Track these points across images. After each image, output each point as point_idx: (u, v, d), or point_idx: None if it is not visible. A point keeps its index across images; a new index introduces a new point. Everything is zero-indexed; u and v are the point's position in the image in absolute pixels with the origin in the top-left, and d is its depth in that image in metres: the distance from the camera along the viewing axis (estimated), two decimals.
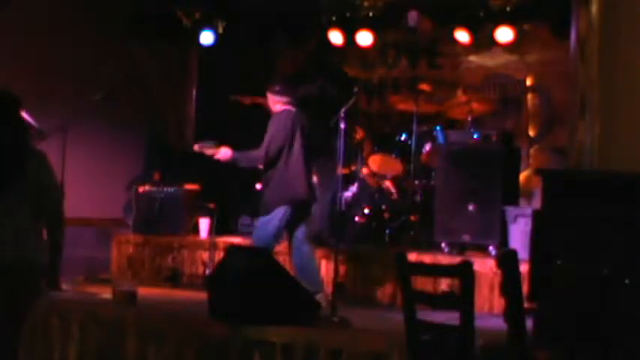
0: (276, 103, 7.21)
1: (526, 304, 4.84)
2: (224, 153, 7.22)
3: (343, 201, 8.21)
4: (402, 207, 8.60)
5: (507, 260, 4.68)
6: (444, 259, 7.45)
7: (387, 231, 8.33)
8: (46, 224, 4.92)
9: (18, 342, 4.93)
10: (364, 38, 9.53)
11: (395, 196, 8.66)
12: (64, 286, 7.07)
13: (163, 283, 8.09)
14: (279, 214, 7.01)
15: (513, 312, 4.63)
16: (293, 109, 7.15)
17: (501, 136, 8.01)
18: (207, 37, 10.08)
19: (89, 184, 9.15)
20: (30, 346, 6.46)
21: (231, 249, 7.34)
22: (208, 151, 7.25)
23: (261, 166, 7.16)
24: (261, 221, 7.15)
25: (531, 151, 9.22)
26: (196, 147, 7.30)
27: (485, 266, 6.97)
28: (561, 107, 8.68)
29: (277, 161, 7.03)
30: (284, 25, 9.99)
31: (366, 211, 8.49)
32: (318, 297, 6.72)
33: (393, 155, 8.75)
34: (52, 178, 4.99)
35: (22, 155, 4.86)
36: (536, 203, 6.85)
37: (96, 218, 9.37)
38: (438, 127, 8.75)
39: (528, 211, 6.77)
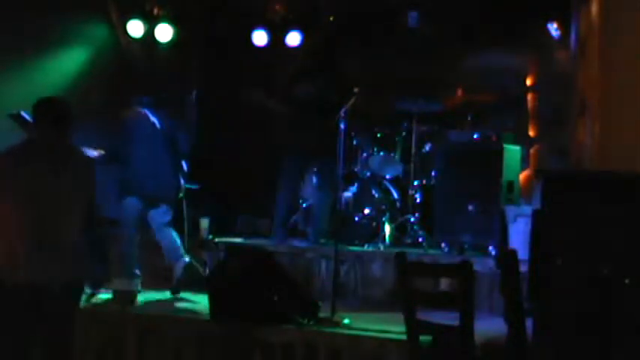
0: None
1: (526, 304, 4.83)
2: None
3: (343, 201, 8.22)
4: (402, 207, 8.60)
5: (507, 260, 4.69)
6: (444, 259, 7.45)
7: (387, 231, 8.33)
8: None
9: None
10: (363, 38, 9.53)
11: (395, 196, 8.66)
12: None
13: (162, 284, 8.07)
14: (128, 204, 7.53)
15: (513, 312, 4.63)
16: (141, 112, 7.63)
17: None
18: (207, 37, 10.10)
19: None
20: None
21: (231, 249, 7.36)
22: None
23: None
24: None
25: (531, 151, 9.22)
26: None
27: (485, 266, 6.97)
28: (561, 107, 8.68)
29: (126, 159, 7.56)
30: (285, 25, 10.00)
31: (366, 211, 8.49)
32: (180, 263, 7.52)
33: (393, 155, 8.75)
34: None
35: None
36: (536, 203, 6.84)
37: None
38: (438, 127, 8.76)
39: (528, 211, 6.76)
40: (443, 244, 7.99)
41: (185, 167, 7.87)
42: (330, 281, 6.97)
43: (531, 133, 9.38)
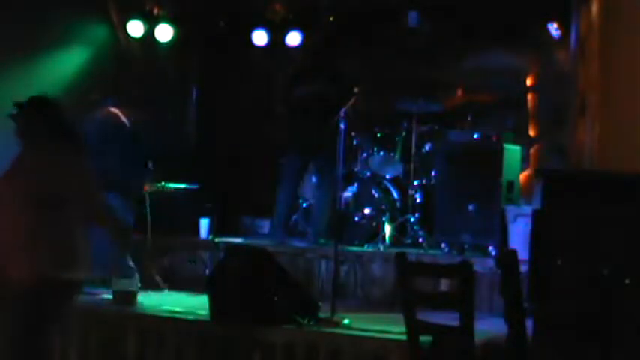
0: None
1: (526, 304, 4.83)
2: None
3: (343, 201, 8.22)
4: (402, 207, 8.60)
5: (507, 260, 4.69)
6: (444, 259, 7.45)
7: (387, 231, 8.33)
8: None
9: None
10: (363, 38, 9.53)
11: (395, 196, 8.66)
12: None
13: (163, 283, 8.07)
14: (113, 199, 7.41)
15: (513, 312, 4.63)
16: (112, 111, 7.69)
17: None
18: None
19: None
20: None
21: (230, 249, 7.35)
22: None
23: None
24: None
25: (531, 151, 9.22)
26: None
27: (485, 266, 6.96)
28: (561, 107, 8.68)
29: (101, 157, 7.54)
30: (285, 25, 10.00)
31: (366, 211, 8.49)
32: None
33: (393, 155, 8.75)
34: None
35: None
36: (536, 203, 6.85)
37: None
38: (438, 127, 8.76)
39: (528, 211, 6.76)
40: (443, 244, 7.99)
41: (150, 166, 7.93)
42: (330, 281, 6.96)
43: (531, 133, 9.38)
